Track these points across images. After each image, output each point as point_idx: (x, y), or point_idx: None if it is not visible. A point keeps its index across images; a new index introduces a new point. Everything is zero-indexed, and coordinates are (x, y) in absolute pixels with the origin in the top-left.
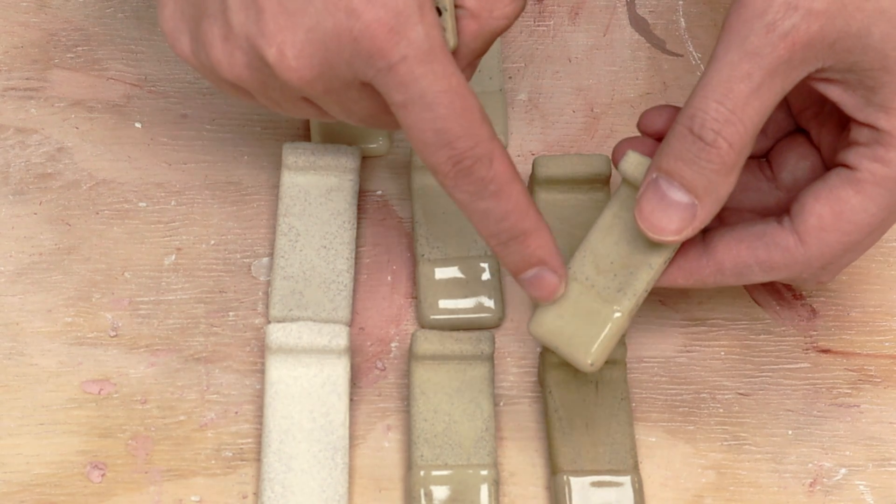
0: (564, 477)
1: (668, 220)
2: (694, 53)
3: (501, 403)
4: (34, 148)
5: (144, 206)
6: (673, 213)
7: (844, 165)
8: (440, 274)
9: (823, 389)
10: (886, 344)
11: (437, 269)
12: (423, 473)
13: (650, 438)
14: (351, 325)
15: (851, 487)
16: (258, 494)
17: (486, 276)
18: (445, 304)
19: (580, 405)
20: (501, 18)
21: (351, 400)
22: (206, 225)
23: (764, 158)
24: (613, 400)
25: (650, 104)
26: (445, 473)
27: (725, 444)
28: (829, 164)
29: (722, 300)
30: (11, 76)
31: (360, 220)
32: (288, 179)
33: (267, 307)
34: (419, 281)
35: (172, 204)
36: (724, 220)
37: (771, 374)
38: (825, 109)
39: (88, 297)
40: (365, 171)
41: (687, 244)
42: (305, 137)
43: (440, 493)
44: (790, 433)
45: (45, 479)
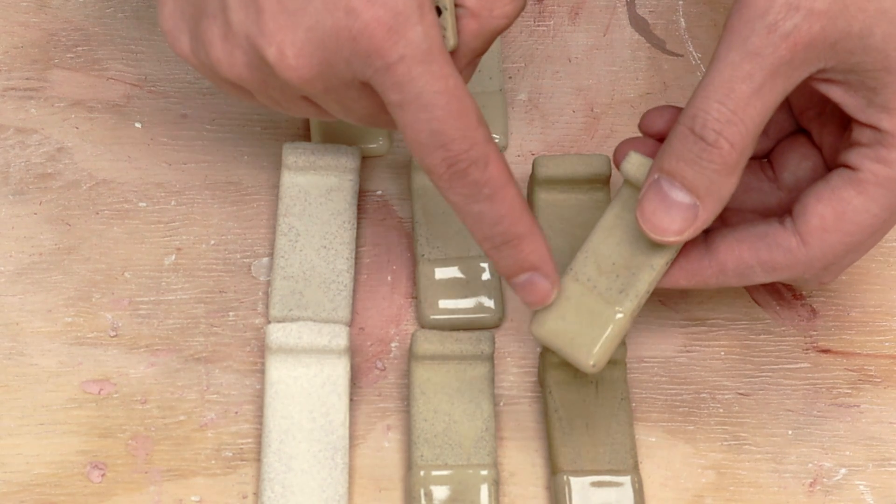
0: (564, 477)
1: (669, 220)
2: (694, 53)
3: (501, 403)
4: (34, 148)
5: (144, 206)
6: (675, 213)
7: (846, 166)
8: (440, 274)
9: (823, 389)
10: (886, 344)
11: (437, 269)
12: (423, 473)
13: (650, 438)
14: (351, 325)
15: (851, 487)
16: (258, 494)
17: (486, 276)
18: (445, 304)
19: (580, 405)
20: (501, 17)
21: (351, 400)
22: (206, 225)
23: (765, 159)
24: (613, 400)
25: (650, 104)
26: (445, 473)
27: (725, 444)
28: (830, 164)
29: (722, 300)
30: (11, 76)
31: (360, 220)
32: (288, 179)
33: (267, 307)
34: (419, 281)
35: (172, 204)
36: (725, 220)
37: (771, 374)
38: (827, 110)
39: (88, 297)
40: (365, 171)
41: (689, 245)
42: (305, 137)
43: (440, 493)
44: (790, 433)
45: (45, 479)
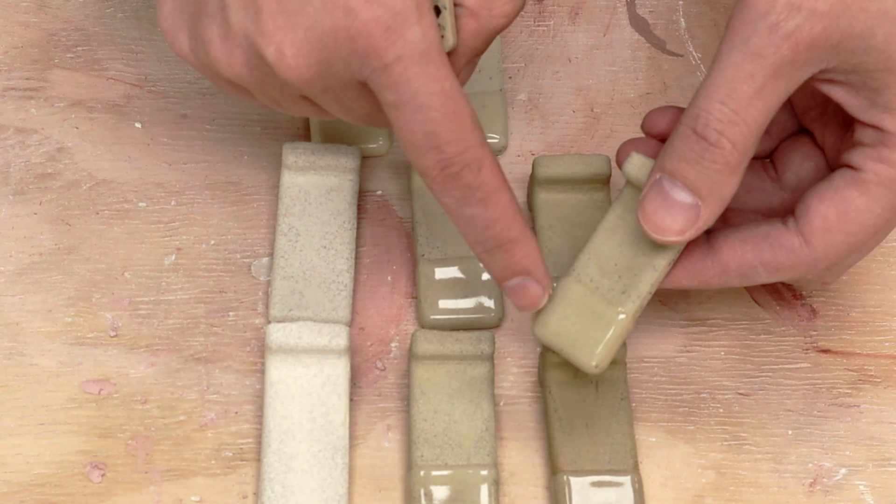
0: (564, 477)
1: (671, 220)
2: (694, 53)
3: (501, 403)
4: (34, 148)
5: (144, 206)
6: (676, 213)
7: (849, 166)
8: (440, 274)
9: (823, 389)
10: (886, 344)
11: (437, 269)
12: (423, 473)
13: (650, 438)
14: (351, 325)
15: (851, 487)
16: (258, 494)
17: (486, 276)
18: (445, 304)
19: (580, 405)
20: (501, 17)
21: (351, 400)
22: (206, 225)
23: (768, 159)
24: (613, 400)
25: (650, 104)
26: (445, 473)
27: (725, 444)
28: (833, 164)
29: (722, 300)
30: (11, 76)
31: (360, 220)
32: (288, 179)
33: (267, 307)
34: (419, 281)
35: (172, 204)
36: (728, 220)
37: (771, 374)
38: (829, 110)
39: (88, 297)
40: (365, 171)
41: (691, 245)
42: (305, 137)
43: (440, 493)
44: (790, 433)
45: (45, 479)
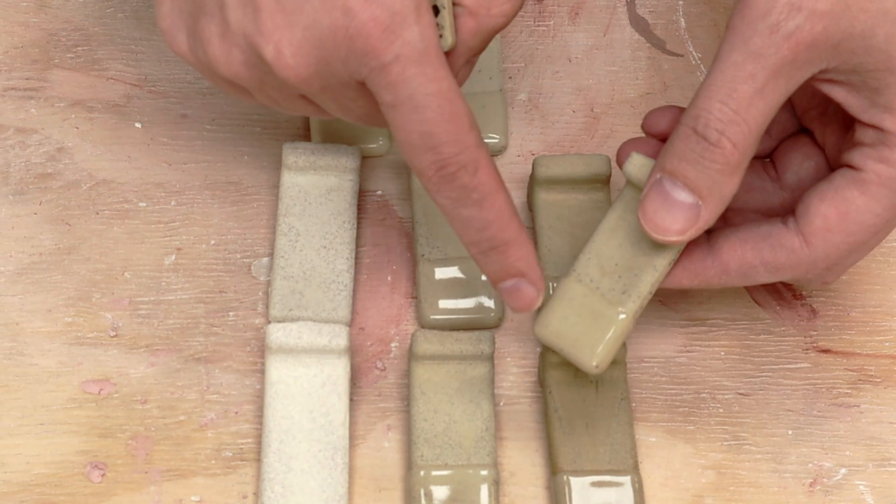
0: (564, 477)
1: (671, 220)
2: (694, 53)
3: (501, 403)
4: (34, 148)
5: (144, 206)
6: (677, 213)
7: (849, 166)
8: (440, 274)
9: (823, 389)
10: (886, 344)
11: (437, 269)
12: (423, 473)
13: (650, 438)
14: (351, 325)
15: (851, 487)
16: (258, 494)
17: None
18: (445, 304)
19: (580, 405)
20: (499, 16)
21: (351, 400)
22: (206, 225)
23: (768, 159)
24: (613, 400)
25: (650, 104)
26: (445, 473)
27: (725, 444)
28: (833, 164)
29: (722, 300)
30: (11, 76)
31: (360, 220)
32: (288, 179)
33: (267, 307)
34: (419, 281)
35: (172, 204)
36: (728, 220)
37: (771, 374)
38: (829, 110)
39: (88, 297)
40: (365, 171)
41: (691, 245)
42: (305, 137)
43: (440, 493)
44: (790, 433)
45: (45, 479)
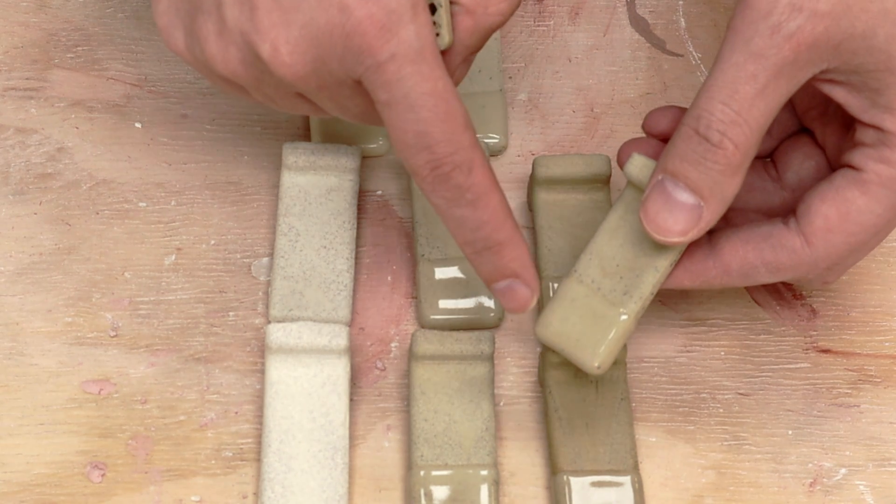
0: (564, 477)
1: (673, 221)
2: (694, 53)
3: (501, 403)
4: (34, 148)
5: (144, 206)
6: (678, 214)
7: (850, 166)
8: (440, 274)
9: (823, 389)
10: (886, 344)
11: (437, 269)
12: (423, 473)
13: (650, 438)
14: (351, 325)
15: (851, 487)
16: (258, 494)
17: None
18: (445, 304)
19: (580, 405)
20: (496, 15)
21: (351, 400)
22: (206, 225)
23: (769, 158)
24: (613, 400)
25: (650, 104)
26: (445, 473)
27: (725, 444)
28: (833, 164)
29: (722, 300)
30: (11, 76)
31: (360, 220)
32: (288, 179)
33: (267, 307)
34: (419, 281)
35: (172, 204)
36: (728, 220)
37: (771, 374)
38: (830, 110)
39: (88, 297)
40: (365, 171)
41: (693, 246)
42: (305, 137)
43: (440, 493)
44: (790, 433)
45: (45, 479)
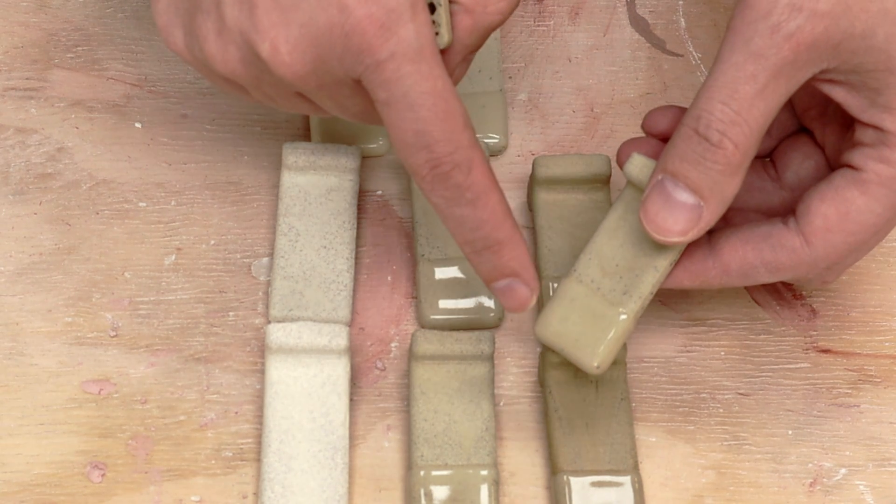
0: (564, 477)
1: (673, 221)
2: (694, 53)
3: (501, 403)
4: (34, 148)
5: (144, 206)
6: (678, 214)
7: (849, 166)
8: (440, 274)
9: (823, 389)
10: (886, 344)
11: (437, 269)
12: (423, 473)
13: (650, 438)
14: (351, 325)
15: (851, 487)
16: (258, 494)
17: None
18: (445, 304)
19: (580, 405)
20: (496, 14)
21: (351, 400)
22: (206, 225)
23: (768, 158)
24: (613, 400)
25: (650, 104)
26: (445, 473)
27: (725, 444)
28: (833, 163)
29: (722, 300)
30: (11, 76)
31: (360, 220)
32: (288, 179)
33: (267, 307)
34: (419, 281)
35: (172, 204)
36: (728, 220)
37: (771, 374)
38: (829, 109)
39: (88, 297)
40: (365, 171)
41: (692, 246)
42: (305, 137)
43: (440, 493)
44: (790, 433)
45: (45, 479)
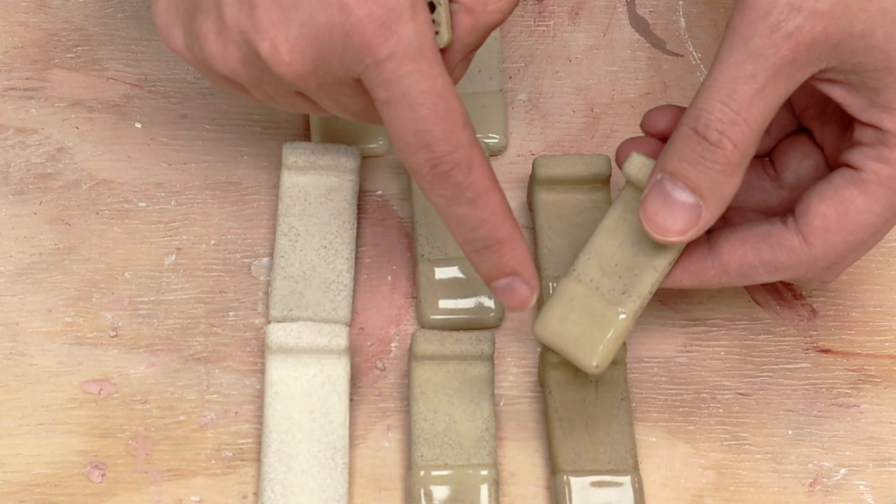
0: (564, 477)
1: (672, 220)
2: (694, 53)
3: (501, 403)
4: (34, 148)
5: (144, 206)
6: (678, 213)
7: (848, 166)
8: (440, 274)
9: (823, 389)
10: (886, 344)
11: (437, 269)
12: (423, 473)
13: (650, 438)
14: (351, 325)
15: (851, 487)
16: (258, 494)
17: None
18: (445, 304)
19: (580, 405)
20: (496, 13)
21: (351, 400)
22: (206, 225)
23: (767, 158)
24: (613, 400)
25: (650, 104)
26: (445, 473)
27: (725, 444)
28: (831, 163)
29: (722, 300)
30: (11, 76)
31: (360, 220)
32: (288, 179)
33: (267, 307)
34: (419, 281)
35: (172, 204)
36: (727, 219)
37: (771, 374)
38: (828, 109)
39: (88, 297)
40: (365, 171)
41: (691, 245)
42: (305, 137)
43: (440, 493)
44: (790, 433)
45: (45, 479)
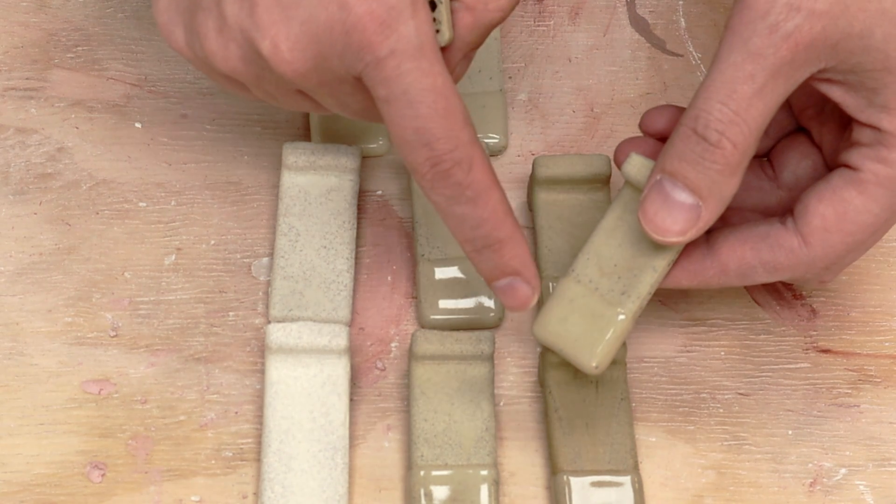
0: (564, 477)
1: (672, 221)
2: (694, 53)
3: (501, 403)
4: (34, 148)
5: (144, 206)
6: (677, 214)
7: (847, 166)
8: (440, 274)
9: (823, 389)
10: (886, 344)
11: (437, 269)
12: (423, 473)
13: (650, 438)
14: (351, 325)
15: (851, 487)
16: (258, 494)
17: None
18: (445, 304)
19: (580, 405)
20: (496, 11)
21: (351, 400)
22: (206, 225)
23: (765, 158)
24: (613, 400)
25: (650, 104)
26: (445, 473)
27: (725, 444)
28: (830, 163)
29: (722, 300)
30: (11, 76)
31: (360, 220)
32: (288, 179)
33: (267, 307)
34: (419, 281)
35: (172, 204)
36: (726, 219)
37: (771, 374)
38: (826, 109)
39: (88, 297)
40: (365, 171)
41: (690, 246)
42: (305, 137)
43: (440, 493)
44: (790, 433)
45: (45, 479)
